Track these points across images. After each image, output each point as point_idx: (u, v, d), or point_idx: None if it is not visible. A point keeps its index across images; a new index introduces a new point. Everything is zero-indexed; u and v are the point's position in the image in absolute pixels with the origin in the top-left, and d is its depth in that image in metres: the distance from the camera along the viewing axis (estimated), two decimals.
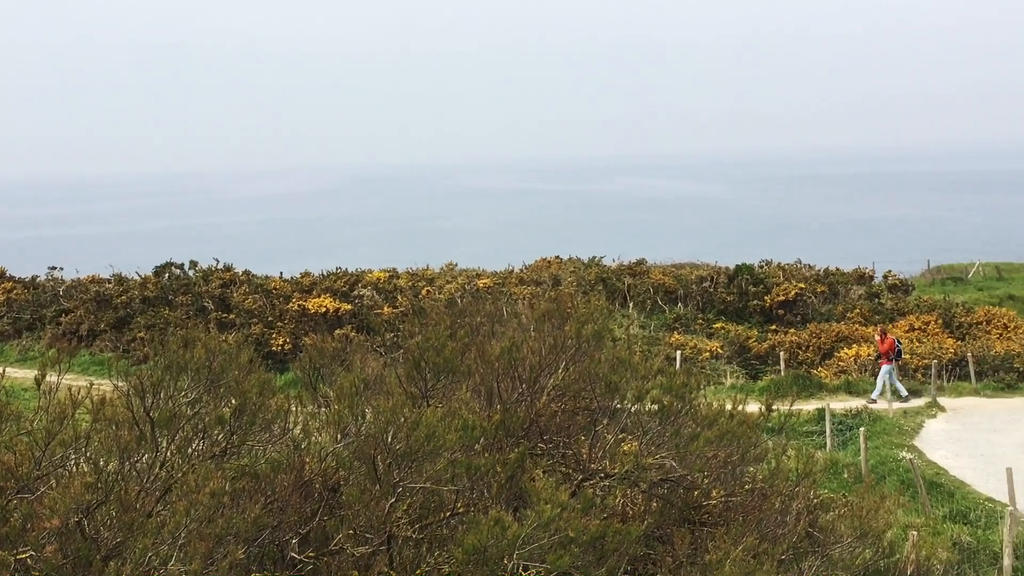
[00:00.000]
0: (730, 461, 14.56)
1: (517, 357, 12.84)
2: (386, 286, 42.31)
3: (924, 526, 18.70)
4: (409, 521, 10.04)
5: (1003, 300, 54.25)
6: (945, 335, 40.37)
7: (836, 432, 27.94)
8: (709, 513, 14.02)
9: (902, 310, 44.37)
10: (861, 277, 49.66)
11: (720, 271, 47.79)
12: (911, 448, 27.26)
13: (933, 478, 24.49)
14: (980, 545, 18.32)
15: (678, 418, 13.39)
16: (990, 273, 66.25)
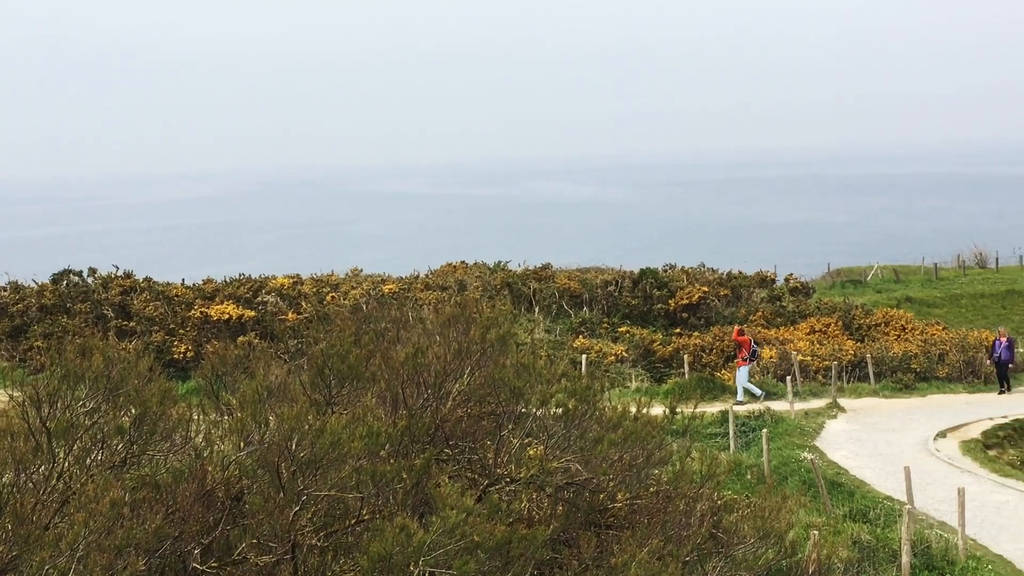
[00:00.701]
0: (635, 464, 14.65)
1: (422, 363, 12.81)
2: (290, 292, 41.95)
3: (825, 525, 18.99)
4: (314, 529, 9.96)
5: (901, 302, 55.38)
6: (845, 337, 41.06)
7: (739, 434, 28.28)
8: (615, 516, 14.09)
9: (803, 312, 45.02)
10: (763, 280, 50.27)
11: (625, 275, 48.08)
12: (813, 449, 27.68)
13: (834, 478, 24.88)
14: (879, 543, 18.64)
15: (583, 421, 13.45)
16: (888, 275, 67.52)
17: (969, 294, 59.63)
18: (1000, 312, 56.94)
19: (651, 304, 45.35)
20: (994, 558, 20.38)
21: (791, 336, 40.13)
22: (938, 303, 57.94)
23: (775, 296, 48.02)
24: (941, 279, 64.86)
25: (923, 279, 65.37)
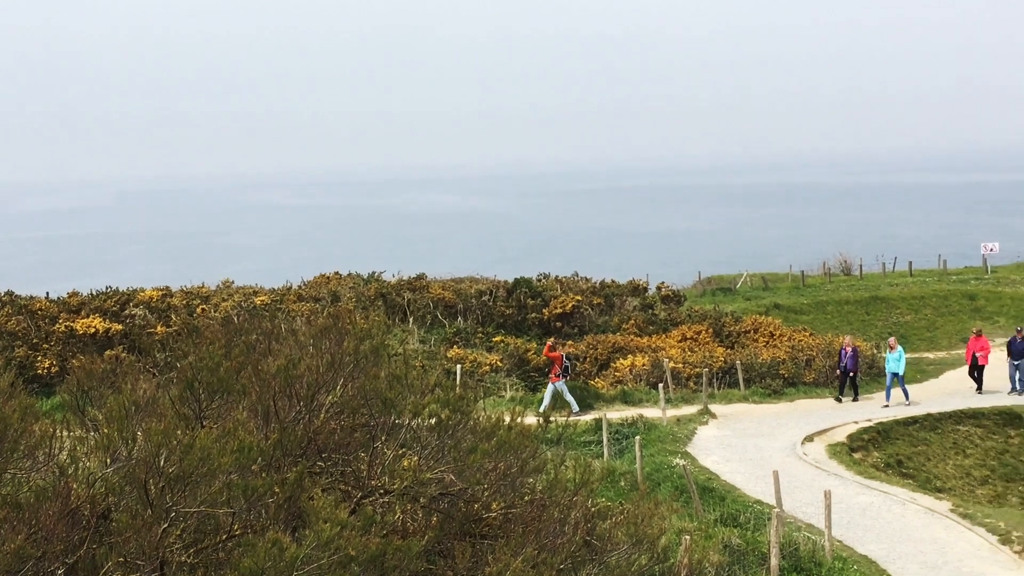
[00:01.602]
0: (509, 473, 14.68)
1: (294, 375, 12.68)
2: (159, 305, 41.21)
3: (697, 530, 19.23)
4: (183, 546, 9.79)
5: (769, 309, 56.41)
6: (715, 344, 41.72)
7: (613, 441, 28.51)
8: (489, 525, 14.11)
9: (675, 320, 45.65)
10: (636, 289, 50.86)
11: (499, 285, 48.25)
12: (685, 455, 28.04)
13: (705, 483, 25.25)
14: (749, 546, 18.96)
15: (457, 432, 13.45)
16: (757, 283, 68.70)
17: (835, 301, 60.96)
18: (864, 318, 58.34)
19: (525, 313, 45.57)
20: (859, 558, 20.89)
21: (663, 344, 40.64)
22: (805, 310, 59.12)
23: (647, 304, 48.60)
24: (808, 286, 66.21)
25: (791, 286, 66.68)
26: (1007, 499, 29.43)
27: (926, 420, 32.37)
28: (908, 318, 58.53)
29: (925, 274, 71.36)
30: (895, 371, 34.87)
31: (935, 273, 71.32)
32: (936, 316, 58.54)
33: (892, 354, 35.16)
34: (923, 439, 31.55)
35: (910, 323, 57.60)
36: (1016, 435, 32.24)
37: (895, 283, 66.32)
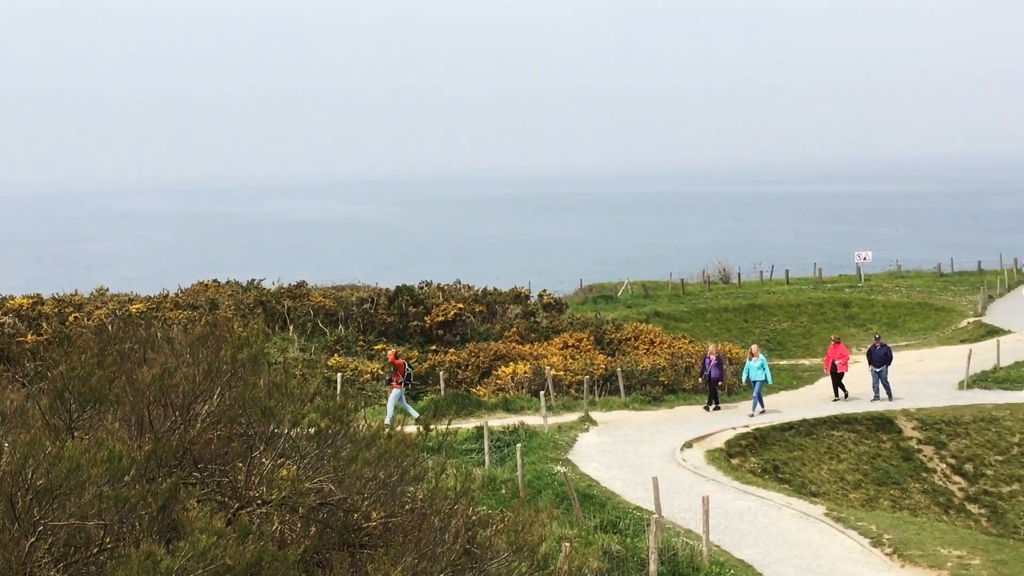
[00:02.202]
0: (389, 482, 14.59)
1: (170, 384, 12.44)
2: (29, 313, 40.22)
3: (577, 537, 19.31)
4: (52, 560, 9.53)
5: (650, 316, 57.04)
6: (597, 351, 42.00)
7: (494, 449, 28.53)
8: (369, 535, 14.00)
9: (557, 328, 45.87)
10: (518, 296, 51.02)
11: (381, 292, 48.03)
12: (566, 462, 28.16)
13: (586, 490, 25.37)
14: (629, 552, 19.09)
15: (336, 441, 13.32)
16: (637, 291, 69.41)
17: (714, 308, 61.88)
18: (742, 325, 59.33)
19: (407, 321, 45.43)
20: (736, 563, 21.17)
21: (545, 351, 40.81)
22: (685, 317, 59.89)
23: (529, 312, 48.78)
24: (688, 294, 67.09)
25: (671, 294, 67.48)
26: (879, 503, 30.09)
27: (801, 426, 32.95)
28: (785, 325, 59.65)
29: (801, 282, 72.80)
30: (758, 379, 34.87)
31: (811, 281, 72.78)
32: (812, 323, 59.76)
33: (754, 362, 35.12)
34: (799, 444, 32.11)
35: (787, 330, 58.71)
36: (888, 440, 32.99)
37: (772, 291, 67.56)
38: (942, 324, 56.97)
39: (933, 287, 67.45)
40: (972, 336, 50.34)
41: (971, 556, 21.88)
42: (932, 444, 33.03)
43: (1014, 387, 37.72)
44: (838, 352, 36.95)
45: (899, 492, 31.15)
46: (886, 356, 36.51)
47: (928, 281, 70.55)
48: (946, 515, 30.47)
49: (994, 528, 30.17)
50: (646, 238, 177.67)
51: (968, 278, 70.64)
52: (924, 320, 58.80)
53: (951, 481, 32.04)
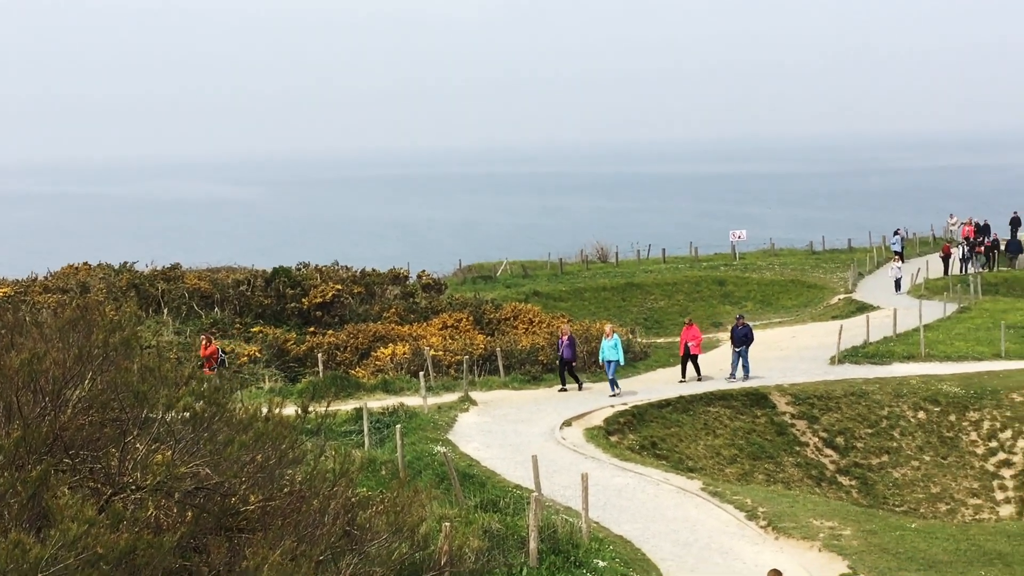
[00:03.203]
0: (267, 465, 14.45)
1: (39, 369, 12.16)
2: None
3: (457, 517, 19.34)
4: None
5: (529, 296, 57.29)
6: (476, 331, 42.07)
7: (374, 430, 28.45)
8: (247, 519, 13.85)
9: (436, 308, 45.83)
10: (396, 277, 50.85)
11: (257, 274, 47.50)
12: (446, 442, 28.19)
13: (466, 469, 25.44)
14: (509, 531, 19.18)
15: (212, 424, 13.15)
16: (516, 271, 69.60)
17: (592, 288, 62.33)
18: (620, 304, 59.87)
19: (285, 303, 45.01)
20: (615, 539, 21.43)
21: (424, 332, 40.75)
22: (564, 296, 60.26)
23: (408, 293, 48.67)
24: (566, 274, 67.48)
25: (549, 274, 67.83)
26: (754, 477, 30.68)
27: (679, 402, 33.39)
28: (662, 303, 60.37)
29: (678, 261, 73.69)
30: (612, 359, 34.33)
31: (687, 260, 73.71)
32: (688, 301, 60.55)
33: (608, 341, 34.57)
34: (676, 421, 32.55)
35: (664, 308, 59.42)
36: (762, 415, 33.62)
37: (649, 270, 68.29)
38: (814, 301, 58.17)
39: (805, 265, 68.80)
40: (843, 312, 51.48)
41: (842, 527, 22.45)
42: (805, 419, 33.75)
43: (883, 362, 38.69)
44: (691, 334, 36.44)
45: (773, 466, 31.79)
46: (746, 336, 36.48)
47: (801, 259, 71.94)
48: (818, 488, 31.19)
49: (864, 499, 30.97)
50: (525, 218, 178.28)
51: (839, 256, 72.17)
52: (797, 297, 59.97)
53: (823, 454, 32.79)
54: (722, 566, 20.45)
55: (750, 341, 36.55)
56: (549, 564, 18.34)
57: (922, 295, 53.59)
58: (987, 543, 21.43)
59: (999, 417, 33.74)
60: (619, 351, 34.45)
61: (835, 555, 20.65)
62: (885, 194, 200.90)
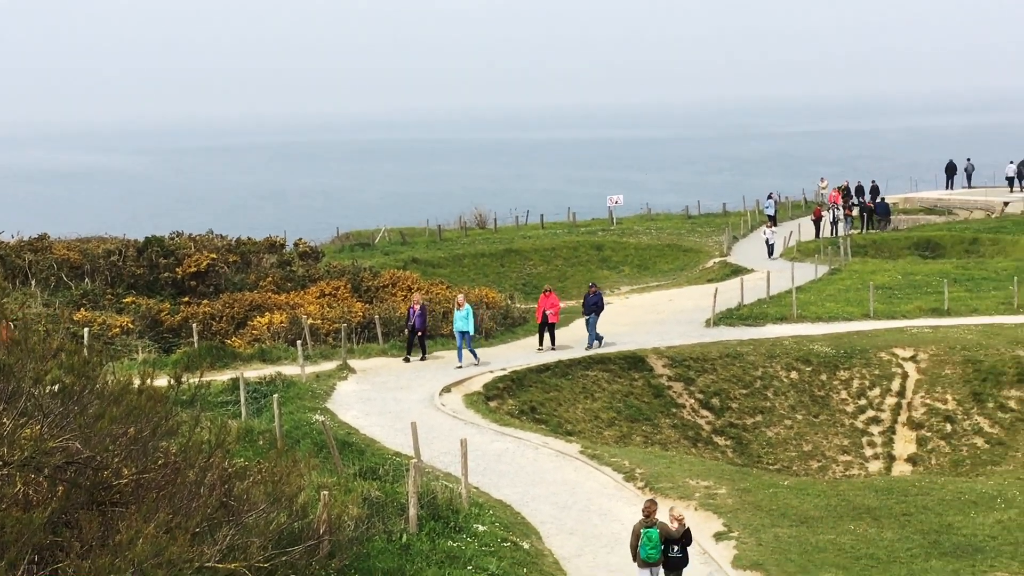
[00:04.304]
0: (141, 437, 14.21)
1: None
2: None
3: (336, 485, 19.26)
4: None
5: (407, 263, 57.20)
6: (354, 299, 41.80)
7: (251, 400, 28.14)
8: (120, 492, 13.63)
9: (313, 277, 45.44)
10: (272, 246, 50.29)
11: (129, 244, 46.57)
12: (324, 411, 28.03)
13: (345, 438, 25.32)
14: (389, 498, 19.16)
15: (83, 397, 12.89)
16: (395, 238, 69.44)
17: (471, 254, 62.46)
18: (499, 270, 60.15)
19: (158, 273, 44.24)
20: (495, 503, 21.55)
21: (301, 300, 40.38)
22: (442, 263, 60.30)
23: (285, 261, 48.17)
24: (445, 240, 67.50)
25: (428, 241, 67.80)
26: (632, 439, 31.07)
27: (557, 367, 33.62)
28: (541, 269, 60.77)
29: (556, 226, 74.16)
30: (463, 330, 33.83)
31: (565, 225, 74.22)
32: (567, 266, 61.05)
33: (460, 312, 33.94)
34: (555, 385, 32.78)
35: (543, 274, 59.80)
36: (640, 378, 34.01)
37: (528, 235, 68.64)
38: (690, 264, 59.02)
39: (681, 229, 69.73)
40: (718, 275, 52.30)
41: (718, 486, 22.87)
42: (681, 381, 34.24)
43: (757, 323, 39.41)
44: (549, 302, 36.07)
45: (651, 428, 32.22)
46: (597, 304, 36.26)
47: (677, 223, 72.88)
48: (695, 448, 31.71)
49: (739, 458, 31.58)
50: (403, 185, 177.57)
51: (714, 220, 73.28)
52: (673, 261, 60.80)
53: (699, 415, 33.32)
54: (601, 527, 20.70)
55: (600, 309, 36.43)
56: (429, 530, 18.37)
57: (794, 258, 54.72)
58: (856, 498, 22.00)
59: (868, 376, 34.63)
60: (470, 322, 33.88)
61: (711, 513, 21.03)
62: (759, 159, 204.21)
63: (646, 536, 16.60)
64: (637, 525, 16.86)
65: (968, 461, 31.43)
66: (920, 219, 70.85)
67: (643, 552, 16.64)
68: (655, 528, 16.64)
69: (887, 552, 18.77)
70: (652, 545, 16.58)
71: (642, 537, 16.63)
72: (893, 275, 48.13)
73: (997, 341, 35.46)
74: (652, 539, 16.58)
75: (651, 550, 16.60)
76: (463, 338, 33.86)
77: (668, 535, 16.75)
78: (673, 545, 16.78)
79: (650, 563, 16.69)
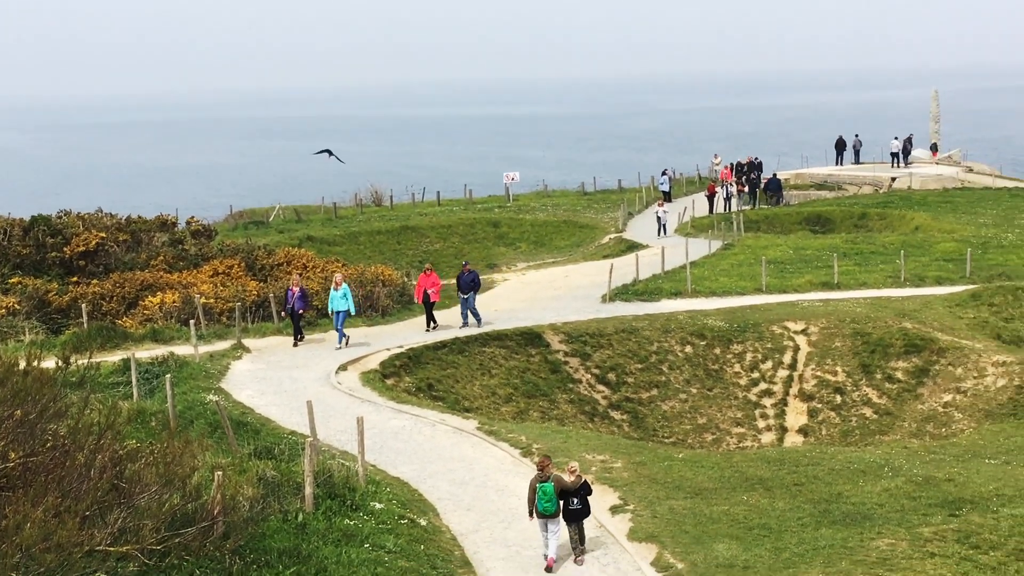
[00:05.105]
0: (28, 420, 13.95)
1: None
2: None
3: (230, 465, 19.03)
4: None
5: (302, 241, 56.72)
6: (248, 278, 41.37)
7: (143, 381, 27.71)
8: (7, 476, 13.38)
9: (206, 255, 44.86)
10: (164, 224, 49.55)
11: (14, 223, 45.47)
12: (218, 391, 27.72)
13: (240, 417, 25.07)
14: (284, 477, 18.98)
15: None
16: (290, 216, 68.80)
17: (367, 231, 62.10)
18: (396, 247, 59.89)
19: (45, 253, 43.31)
20: (392, 480, 21.50)
21: (194, 279, 39.86)
22: (338, 241, 59.87)
23: (177, 240, 47.48)
24: (340, 218, 67.03)
25: (323, 218, 67.28)
26: (529, 415, 31.19)
27: (454, 344, 33.59)
28: (437, 246, 60.65)
29: (453, 203, 74.10)
30: (340, 309, 33.23)
31: (462, 202, 74.20)
32: (464, 243, 61.00)
33: (337, 292, 33.31)
34: (452, 362, 32.76)
35: (439, 251, 59.71)
36: (536, 354, 34.13)
37: (425, 213, 68.46)
38: (586, 241, 59.29)
39: (578, 205, 70.06)
40: (614, 251, 52.64)
41: (614, 459, 23.06)
42: (578, 356, 34.42)
43: (652, 298, 39.75)
44: (430, 281, 35.54)
45: (548, 403, 32.37)
46: (473, 282, 35.78)
47: (573, 200, 73.21)
48: (591, 423, 31.94)
49: (635, 432, 31.89)
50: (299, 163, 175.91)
51: (610, 196, 73.75)
52: (570, 237, 61.04)
53: (596, 390, 33.55)
54: (498, 503, 20.76)
55: (477, 287, 36.05)
56: (326, 509, 18.26)
57: (689, 233, 55.32)
58: (749, 469, 22.34)
59: (760, 349, 35.15)
60: (349, 301, 33.39)
61: (607, 487, 21.19)
62: (654, 136, 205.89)
63: (541, 490, 17.58)
64: (533, 480, 17.83)
65: (857, 431, 32.11)
66: (811, 194, 72.06)
67: (539, 506, 17.64)
68: (550, 483, 17.58)
69: (779, 522, 19.08)
70: (547, 499, 17.58)
71: (537, 491, 17.61)
72: (785, 250, 48.87)
73: (885, 314, 36.21)
74: (547, 493, 17.57)
75: (547, 503, 17.60)
76: (339, 317, 33.32)
77: (565, 488, 17.74)
78: (572, 498, 17.82)
79: (546, 516, 17.68)
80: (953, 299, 38.48)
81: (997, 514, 18.69)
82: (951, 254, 46.13)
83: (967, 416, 31.06)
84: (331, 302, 33.61)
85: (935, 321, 35.87)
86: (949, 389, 32.34)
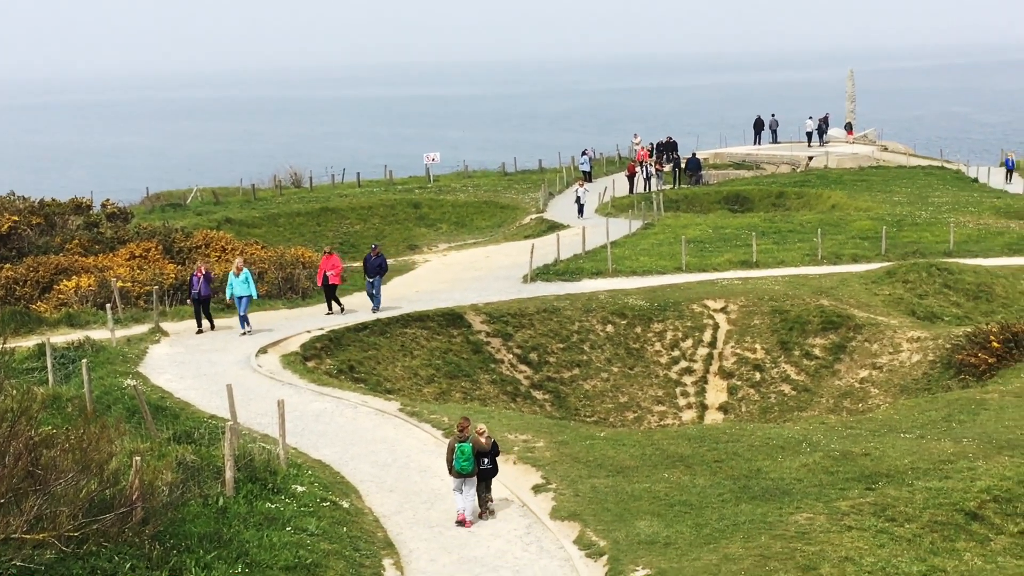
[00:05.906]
0: None
1: None
2: None
3: (149, 451, 18.81)
4: None
5: (221, 223, 56.12)
6: (166, 261, 40.87)
7: (59, 366, 27.30)
8: None
9: (122, 238, 44.22)
10: (79, 207, 48.73)
11: None
12: (136, 375, 27.39)
13: (158, 402, 24.79)
14: (204, 462, 18.80)
15: None
16: (208, 198, 68.09)
17: (286, 213, 61.63)
18: (316, 229, 59.49)
19: None
20: (314, 463, 21.40)
21: (110, 263, 39.27)
22: (257, 223, 59.36)
23: (92, 223, 46.75)
24: (259, 200, 66.42)
25: (242, 200, 66.62)
26: (451, 395, 31.20)
27: (375, 325, 33.47)
28: (358, 227, 60.36)
29: (373, 184, 73.74)
30: (243, 294, 32.53)
31: (382, 183, 73.85)
32: (384, 224, 60.76)
33: (238, 278, 32.49)
34: (373, 344, 32.65)
35: (360, 232, 59.44)
36: (458, 334, 34.13)
37: (345, 194, 68.08)
38: (507, 221, 59.35)
39: (498, 186, 70.07)
40: (535, 232, 52.71)
41: (536, 439, 23.14)
42: (500, 336, 34.47)
43: (573, 278, 39.89)
44: (330, 263, 34.95)
45: (470, 384, 32.39)
46: (380, 266, 35.33)
47: (494, 180, 73.20)
48: (514, 403, 32.03)
49: (557, 412, 32.03)
50: (213, 144, 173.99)
51: (530, 176, 73.82)
52: (491, 218, 61.05)
53: (518, 370, 33.62)
54: (420, 484, 20.75)
55: (384, 271, 35.64)
56: (247, 492, 18.13)
57: (609, 213, 55.53)
58: (670, 447, 22.52)
59: (681, 327, 35.43)
60: (251, 286, 32.76)
61: (529, 467, 21.26)
62: (574, 116, 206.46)
63: (459, 450, 18.53)
64: (452, 440, 18.77)
65: (776, 408, 32.52)
66: (730, 174, 72.77)
67: (457, 464, 18.61)
68: (468, 443, 18.55)
69: (699, 498, 19.26)
70: (465, 458, 18.53)
71: (456, 451, 18.54)
72: (704, 229, 49.27)
73: (802, 291, 36.68)
74: (465, 452, 18.52)
75: (464, 462, 18.54)
76: (242, 302, 32.65)
77: (480, 448, 18.78)
78: (484, 458, 18.87)
79: (464, 474, 18.65)
80: (869, 276, 39.09)
81: (912, 487, 19.02)
82: (867, 232, 46.83)
83: (883, 391, 31.58)
84: (230, 287, 32.76)
85: (851, 298, 36.40)
86: (865, 365, 32.84)
